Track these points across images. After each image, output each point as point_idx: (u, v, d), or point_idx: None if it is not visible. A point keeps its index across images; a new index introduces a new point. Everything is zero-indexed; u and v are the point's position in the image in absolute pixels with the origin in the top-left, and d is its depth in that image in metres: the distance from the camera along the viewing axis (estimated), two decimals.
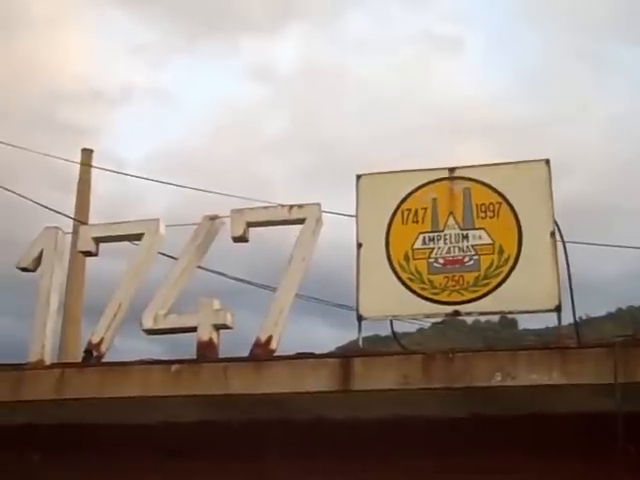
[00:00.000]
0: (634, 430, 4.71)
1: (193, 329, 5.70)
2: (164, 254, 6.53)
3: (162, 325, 5.80)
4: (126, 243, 6.44)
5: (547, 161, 5.70)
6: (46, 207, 15.39)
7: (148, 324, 5.80)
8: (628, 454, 4.73)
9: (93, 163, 20.34)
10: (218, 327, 5.68)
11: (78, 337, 17.73)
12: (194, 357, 5.56)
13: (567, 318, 5.51)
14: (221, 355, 5.62)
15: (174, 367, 5.40)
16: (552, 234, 5.48)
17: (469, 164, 5.92)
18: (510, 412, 5.11)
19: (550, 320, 5.41)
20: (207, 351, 5.58)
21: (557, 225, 5.53)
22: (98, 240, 6.25)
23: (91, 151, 20.61)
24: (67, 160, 19.35)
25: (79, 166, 19.91)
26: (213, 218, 6.12)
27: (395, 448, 5.36)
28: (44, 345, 5.90)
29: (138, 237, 6.17)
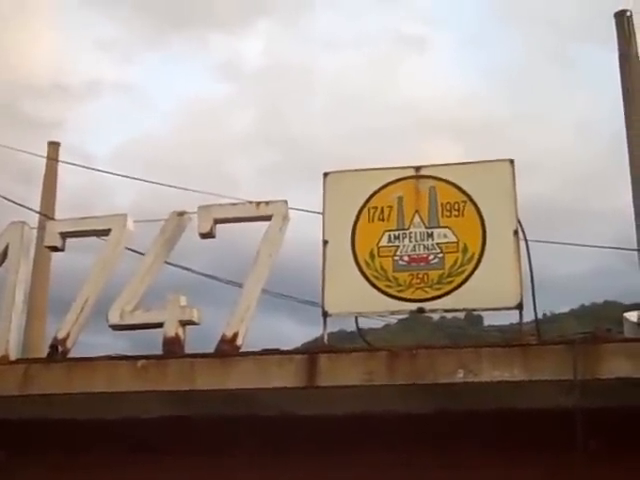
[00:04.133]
0: (594, 425, 4.79)
1: (160, 325, 5.71)
2: (131, 249, 6.53)
3: (128, 321, 5.81)
4: (92, 238, 6.44)
5: (511, 161, 5.78)
6: (11, 201, 15.28)
7: (114, 320, 5.81)
8: (588, 449, 4.82)
9: (60, 157, 20.20)
10: (184, 323, 5.70)
11: (43, 332, 17.62)
12: (160, 353, 5.58)
13: (530, 315, 5.62)
14: (187, 351, 5.65)
15: (140, 362, 5.41)
16: (515, 233, 5.56)
17: (435, 163, 6.00)
18: (473, 408, 5.18)
19: (514, 317, 5.50)
20: (173, 347, 5.60)
21: (520, 224, 5.62)
22: (65, 235, 6.24)
23: (58, 144, 20.48)
24: (33, 154, 19.21)
25: (45, 160, 19.77)
26: (181, 214, 6.14)
27: (360, 444, 5.41)
28: (8, 340, 5.88)
29: (105, 232, 6.16)
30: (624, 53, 17.35)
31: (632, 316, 5.41)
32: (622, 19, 17.60)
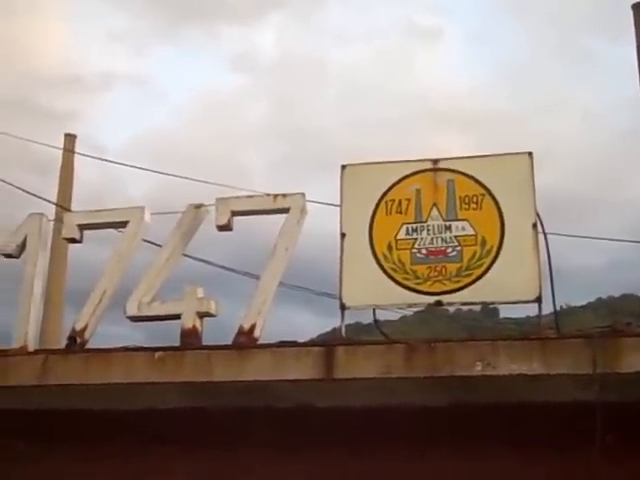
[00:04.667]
0: (612, 420, 4.77)
1: (177, 317, 5.73)
2: (149, 241, 6.55)
3: (146, 312, 5.82)
4: (109, 230, 6.46)
5: (530, 154, 5.75)
6: (29, 192, 15.33)
7: (132, 311, 5.83)
8: (606, 444, 4.80)
9: (75, 149, 20.24)
10: (202, 315, 5.71)
11: (60, 324, 17.70)
12: (177, 345, 5.59)
13: (548, 308, 5.59)
14: (205, 343, 5.66)
15: (158, 354, 5.42)
16: (534, 226, 5.54)
17: (452, 156, 5.97)
18: (491, 401, 5.17)
19: (531, 309, 5.49)
20: (191, 338, 5.61)
21: (539, 217, 5.59)
22: (82, 227, 6.26)
23: (74, 136, 20.51)
24: (50, 146, 19.26)
25: (61, 152, 19.81)
26: (198, 206, 6.14)
27: (377, 436, 5.41)
28: (27, 331, 5.91)
29: (123, 224, 6.18)
30: None
31: None
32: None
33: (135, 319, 5.87)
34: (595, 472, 4.89)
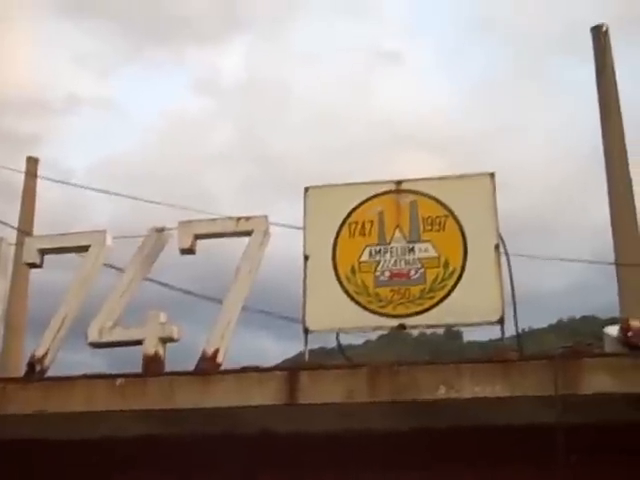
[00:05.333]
0: (575, 440, 4.79)
1: (139, 342, 5.66)
2: (111, 266, 6.48)
3: (107, 338, 5.75)
4: (71, 254, 6.39)
5: (492, 175, 5.79)
6: None
7: (93, 337, 5.75)
8: (570, 464, 4.81)
9: (38, 172, 20.04)
10: (164, 340, 5.65)
11: (21, 350, 17.44)
12: (139, 371, 5.52)
13: (511, 329, 5.61)
14: (167, 369, 5.59)
15: (119, 381, 5.35)
16: (496, 247, 5.56)
17: (415, 177, 5.99)
18: (454, 424, 5.16)
19: (494, 332, 5.50)
20: (153, 365, 5.54)
21: (501, 238, 5.61)
22: (44, 252, 6.18)
23: (36, 160, 20.30)
24: (11, 169, 19.04)
25: (23, 175, 19.60)
26: (160, 230, 6.10)
27: (342, 461, 5.37)
28: None
29: (85, 249, 6.11)
30: (600, 67, 17.47)
31: (612, 330, 5.41)
32: (599, 33, 17.73)
33: (96, 345, 5.79)
34: None
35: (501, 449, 5.18)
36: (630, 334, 5.17)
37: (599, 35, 17.72)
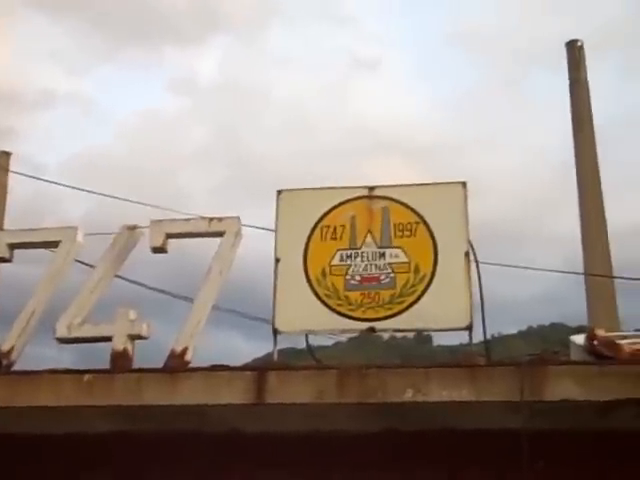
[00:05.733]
0: (539, 447, 4.84)
1: (108, 339, 5.65)
2: (81, 262, 6.46)
3: (76, 334, 5.73)
4: (42, 250, 6.36)
5: (464, 184, 5.84)
6: None
7: (62, 332, 5.73)
8: (535, 470, 4.87)
9: (10, 167, 19.89)
10: (133, 337, 5.64)
11: None
12: (108, 367, 5.51)
13: (480, 336, 5.68)
14: (136, 366, 5.59)
15: (87, 377, 5.33)
16: (466, 254, 5.62)
17: (388, 183, 6.04)
18: (421, 428, 5.20)
19: (463, 337, 5.55)
20: (121, 361, 5.54)
21: (471, 246, 5.68)
22: (13, 246, 6.15)
23: (8, 154, 20.14)
24: None
25: None
26: (132, 228, 6.09)
27: (309, 462, 5.39)
28: None
29: (55, 244, 6.09)
30: (574, 81, 17.68)
31: (578, 339, 5.49)
32: (573, 48, 17.95)
33: (64, 341, 5.76)
34: None
35: (467, 453, 5.23)
36: (596, 343, 5.24)
37: (574, 50, 17.95)
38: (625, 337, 5.51)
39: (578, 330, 6.16)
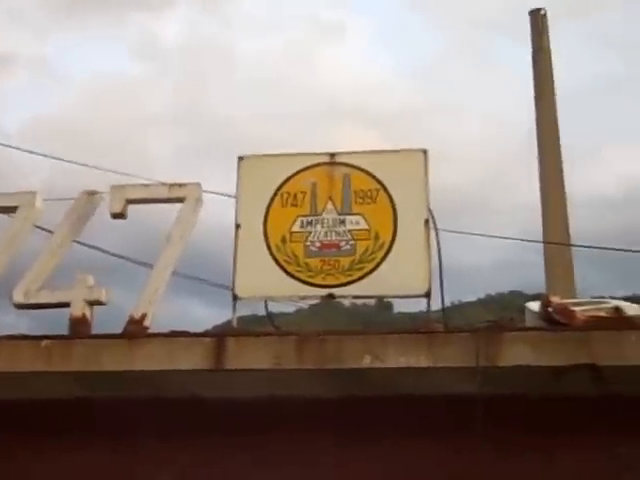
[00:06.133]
0: (495, 412, 4.92)
1: (66, 305, 5.63)
2: (40, 228, 6.40)
3: (34, 300, 5.70)
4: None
5: (425, 151, 5.87)
6: None
7: (19, 298, 5.69)
8: (489, 435, 4.96)
9: None
10: (92, 303, 5.63)
11: None
12: (66, 333, 5.49)
13: (438, 303, 5.74)
14: (95, 332, 5.58)
15: (44, 343, 5.31)
16: (426, 222, 5.66)
17: (349, 150, 6.04)
18: (379, 393, 5.26)
19: (424, 304, 5.61)
20: (80, 327, 5.52)
21: (431, 213, 5.71)
22: None
23: None
24: None
25: None
26: (92, 193, 6.05)
27: (267, 427, 5.43)
28: None
29: (13, 210, 6.02)
30: (537, 50, 17.73)
31: (534, 306, 5.57)
32: (537, 17, 17.97)
33: (22, 306, 5.73)
34: (477, 461, 5.06)
35: (424, 418, 5.29)
36: (550, 309, 5.33)
37: (537, 18, 17.97)
38: (579, 304, 5.60)
39: (535, 298, 6.25)
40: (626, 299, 6.04)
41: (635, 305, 5.53)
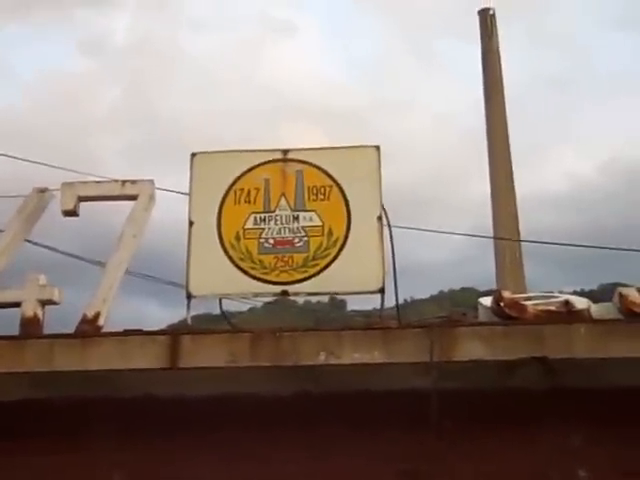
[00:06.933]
0: (449, 406, 4.98)
1: (17, 304, 5.55)
2: None
3: None
4: None
5: (377, 147, 5.91)
6: None
7: None
8: (444, 429, 5.01)
9: None
10: (44, 303, 5.56)
11: None
12: (17, 334, 5.42)
13: (392, 300, 5.78)
14: (47, 332, 5.51)
15: None
16: (379, 218, 5.69)
17: (302, 147, 6.06)
18: (334, 390, 5.28)
19: (376, 302, 5.64)
20: (31, 327, 5.45)
21: (384, 210, 5.75)
22: None
23: None
24: None
25: None
26: (42, 191, 5.98)
27: (222, 426, 5.42)
28: None
29: None
30: (486, 49, 17.95)
31: (486, 301, 5.64)
32: (485, 16, 18.19)
33: None
34: (432, 455, 5.10)
35: (379, 414, 5.33)
36: (502, 304, 5.39)
37: (486, 18, 18.20)
38: (530, 298, 5.69)
39: (487, 294, 6.33)
40: (574, 294, 6.14)
41: (584, 299, 5.63)
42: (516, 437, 5.23)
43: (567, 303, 5.41)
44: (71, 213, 5.87)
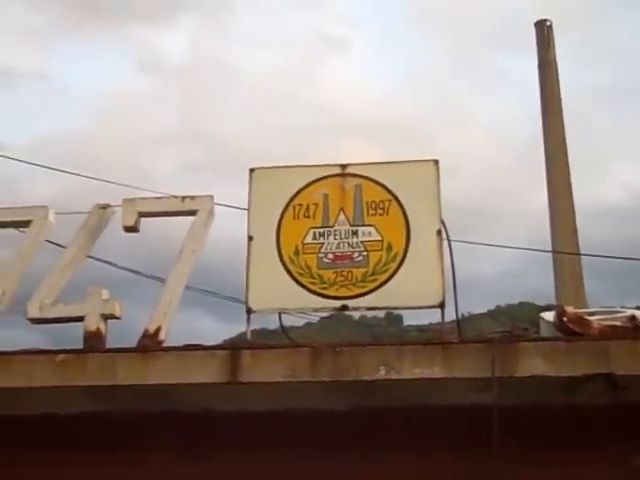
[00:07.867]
0: (509, 423, 4.91)
1: (80, 319, 5.63)
2: (52, 242, 6.41)
3: (48, 314, 5.69)
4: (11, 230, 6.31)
5: (436, 161, 5.88)
6: None
7: (33, 313, 5.69)
8: (504, 445, 4.93)
9: None
10: (106, 317, 5.62)
11: None
12: (80, 347, 5.49)
13: (450, 314, 5.72)
14: (108, 346, 5.57)
15: (59, 357, 5.31)
16: (438, 233, 5.65)
17: (360, 161, 6.05)
18: (394, 404, 5.25)
19: (433, 316, 5.60)
20: (94, 341, 5.52)
21: (443, 224, 5.71)
22: None
23: None
24: None
25: None
26: (104, 207, 6.06)
27: (282, 440, 5.42)
28: None
29: (25, 224, 6.03)
30: (543, 61, 17.77)
31: (548, 316, 5.56)
32: (542, 28, 18.02)
33: (36, 321, 5.73)
34: (492, 473, 5.02)
35: (438, 429, 5.28)
36: (565, 319, 5.31)
37: (542, 29, 18.02)
38: (593, 314, 5.59)
39: (546, 308, 6.25)
40: (637, 308, 6.02)
41: None
42: (579, 455, 5.13)
43: (633, 318, 5.31)
44: (132, 229, 5.94)
